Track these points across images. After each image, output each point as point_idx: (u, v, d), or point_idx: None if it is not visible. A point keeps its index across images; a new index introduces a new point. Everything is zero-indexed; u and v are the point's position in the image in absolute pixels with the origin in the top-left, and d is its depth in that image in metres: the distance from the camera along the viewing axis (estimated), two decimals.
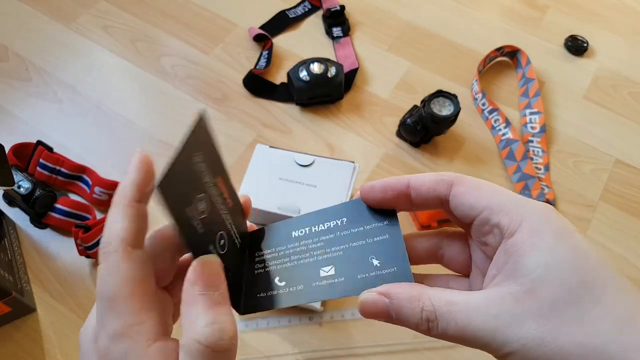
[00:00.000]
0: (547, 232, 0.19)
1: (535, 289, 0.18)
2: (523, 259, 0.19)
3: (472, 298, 0.19)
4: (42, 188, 0.47)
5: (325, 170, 0.45)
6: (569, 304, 0.18)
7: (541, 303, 0.18)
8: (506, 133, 0.56)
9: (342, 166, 0.45)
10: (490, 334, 0.18)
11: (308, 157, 0.46)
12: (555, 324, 0.18)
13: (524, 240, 0.19)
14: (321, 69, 0.55)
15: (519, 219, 0.20)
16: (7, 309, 0.41)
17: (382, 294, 0.21)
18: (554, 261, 0.18)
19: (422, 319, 0.20)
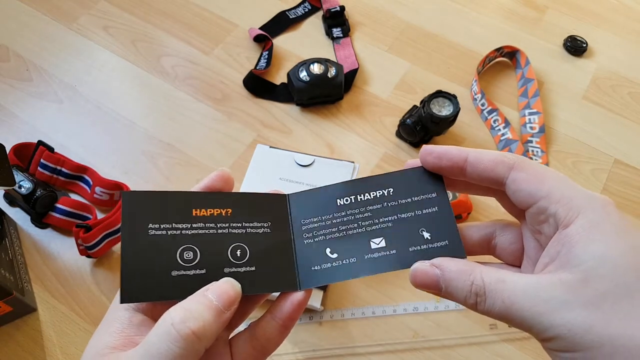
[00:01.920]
0: (605, 226, 0.19)
1: (588, 278, 0.18)
2: (577, 249, 0.19)
3: (523, 279, 0.20)
4: (43, 188, 0.47)
5: (325, 170, 0.45)
6: (622, 297, 0.18)
7: (593, 293, 0.18)
8: (505, 133, 0.56)
9: (342, 166, 0.45)
10: (537, 317, 0.18)
11: (308, 157, 0.46)
12: (606, 313, 0.18)
13: (580, 232, 0.19)
14: (321, 69, 0.55)
15: (576, 210, 0.19)
16: (8, 308, 0.41)
17: (434, 265, 0.21)
18: (611, 255, 0.18)
19: (470, 292, 0.20)
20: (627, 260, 0.18)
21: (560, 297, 0.18)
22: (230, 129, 0.56)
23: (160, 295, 0.21)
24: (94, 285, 0.46)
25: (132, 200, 0.22)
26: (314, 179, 0.45)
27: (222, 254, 0.23)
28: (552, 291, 0.19)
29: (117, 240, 0.46)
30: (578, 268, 0.19)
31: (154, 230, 0.22)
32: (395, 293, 0.46)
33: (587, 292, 0.18)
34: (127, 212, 0.22)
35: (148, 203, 0.23)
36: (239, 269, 0.22)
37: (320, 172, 0.45)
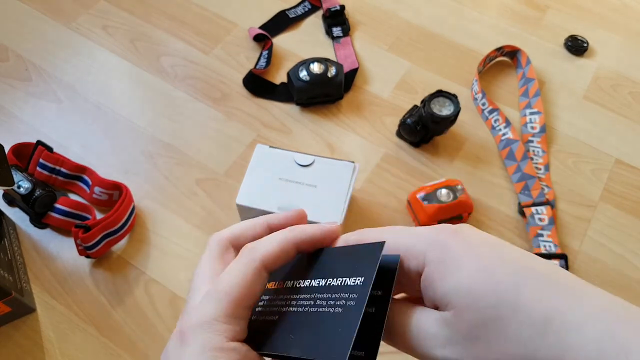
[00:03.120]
0: (449, 260, 0.19)
1: (458, 314, 0.19)
2: (438, 291, 0.19)
3: (421, 318, 0.20)
4: (42, 188, 0.47)
5: (325, 170, 0.45)
6: (490, 321, 0.18)
7: (466, 326, 0.19)
8: (506, 133, 0.56)
9: (342, 166, 0.45)
10: (426, 353, 0.20)
11: (308, 157, 0.46)
12: (482, 342, 0.18)
13: (433, 275, 0.20)
14: (321, 69, 0.55)
15: (422, 256, 0.20)
16: (7, 309, 0.41)
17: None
18: (464, 286, 0.19)
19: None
20: (480, 283, 0.19)
21: (443, 333, 0.19)
22: (229, 129, 0.56)
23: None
24: (93, 286, 0.45)
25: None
26: (314, 179, 0.44)
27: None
28: (436, 329, 0.19)
29: (116, 241, 0.46)
30: (447, 305, 0.19)
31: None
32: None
33: (462, 325, 0.19)
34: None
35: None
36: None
37: (320, 172, 0.45)
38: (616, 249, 0.50)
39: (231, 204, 0.51)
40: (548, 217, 0.50)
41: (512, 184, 0.53)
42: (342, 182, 0.44)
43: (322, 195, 0.43)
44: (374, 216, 0.51)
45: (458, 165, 0.55)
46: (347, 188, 0.44)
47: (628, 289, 0.47)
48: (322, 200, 0.43)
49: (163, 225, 0.49)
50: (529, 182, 0.52)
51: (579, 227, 0.51)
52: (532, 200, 0.51)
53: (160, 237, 0.49)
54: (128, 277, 0.46)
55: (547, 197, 0.52)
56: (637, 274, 0.48)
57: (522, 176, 0.53)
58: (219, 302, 0.21)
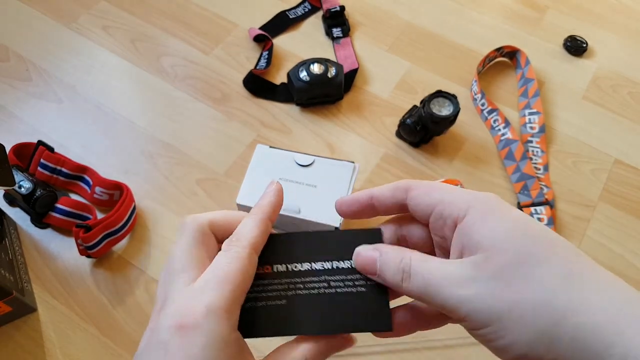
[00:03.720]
0: (492, 212, 0.22)
1: (488, 255, 0.21)
2: (474, 235, 0.22)
3: (442, 263, 0.22)
4: (43, 188, 0.47)
5: (325, 170, 0.45)
6: (517, 265, 0.20)
7: (495, 266, 0.21)
8: (505, 133, 0.56)
9: (342, 166, 0.45)
10: (448, 293, 0.21)
11: (308, 157, 0.46)
12: (509, 281, 0.20)
13: (473, 221, 0.22)
14: (321, 69, 0.55)
15: (465, 206, 0.22)
16: (8, 308, 0.41)
17: (374, 248, 0.24)
18: (502, 233, 0.21)
19: (398, 269, 0.22)
20: (514, 234, 0.21)
21: (468, 274, 0.21)
22: (230, 129, 0.56)
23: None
24: (94, 286, 0.45)
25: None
26: (314, 179, 0.45)
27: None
28: (461, 270, 0.21)
29: (117, 240, 0.46)
30: (479, 249, 0.21)
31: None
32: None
33: (490, 266, 0.21)
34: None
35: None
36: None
37: (320, 172, 0.45)
38: (615, 248, 0.50)
39: (231, 204, 0.51)
40: (547, 217, 0.50)
41: (511, 184, 0.53)
42: (342, 182, 0.44)
43: (322, 195, 0.44)
44: None
45: (457, 165, 0.55)
46: (347, 188, 0.44)
47: None
48: (322, 200, 0.43)
49: (163, 225, 0.49)
50: (528, 182, 0.52)
51: (578, 227, 0.51)
52: (532, 200, 0.51)
53: (160, 237, 0.49)
54: (129, 276, 0.46)
55: (547, 197, 0.52)
56: (637, 274, 0.48)
57: (521, 176, 0.53)
58: (222, 290, 0.21)
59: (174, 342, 0.20)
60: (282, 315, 0.24)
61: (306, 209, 0.43)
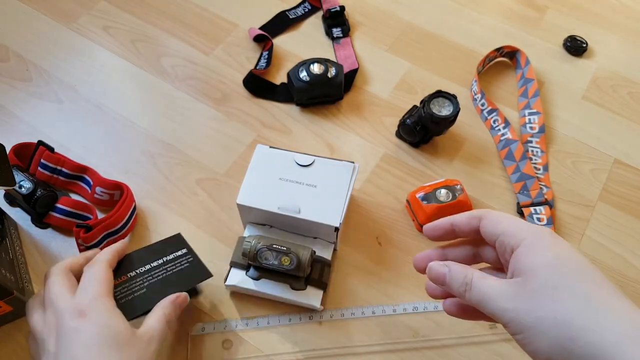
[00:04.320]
0: (539, 245, 0.28)
1: (526, 280, 0.27)
2: (521, 263, 0.28)
3: (496, 281, 0.29)
4: (43, 188, 0.47)
5: (325, 170, 0.45)
6: (549, 289, 0.26)
7: (530, 289, 0.27)
8: (505, 133, 0.56)
9: (342, 166, 0.45)
10: (496, 305, 0.27)
11: (308, 157, 0.46)
12: (537, 302, 0.26)
13: (523, 251, 0.28)
14: (321, 69, 0.55)
15: (521, 238, 0.29)
16: (9, 308, 0.41)
17: (445, 265, 0.31)
18: (541, 263, 0.27)
19: (463, 282, 0.29)
20: (554, 262, 0.27)
21: (511, 292, 0.27)
22: (230, 129, 0.56)
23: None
24: None
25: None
26: (314, 179, 0.45)
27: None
28: (507, 288, 0.28)
29: (117, 240, 0.46)
30: (522, 274, 0.27)
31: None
32: (395, 293, 0.46)
33: (527, 288, 0.27)
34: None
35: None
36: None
37: (320, 172, 0.45)
38: (615, 248, 0.50)
39: (231, 203, 0.51)
40: (547, 216, 0.50)
41: (511, 184, 0.54)
42: (342, 182, 0.44)
43: (322, 195, 0.44)
44: (373, 216, 0.51)
45: (457, 166, 0.55)
46: (347, 188, 0.44)
47: (627, 288, 0.48)
48: (322, 200, 0.43)
49: (164, 225, 0.49)
50: (527, 182, 0.52)
51: (578, 227, 0.51)
52: (531, 200, 0.51)
53: (161, 236, 0.49)
54: None
55: (546, 197, 0.52)
56: (636, 274, 0.49)
57: (521, 176, 0.53)
58: (100, 284, 0.35)
59: (81, 324, 0.32)
60: (146, 298, 0.39)
61: (306, 209, 0.43)
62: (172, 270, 0.42)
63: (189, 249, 0.44)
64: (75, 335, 0.32)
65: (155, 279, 0.41)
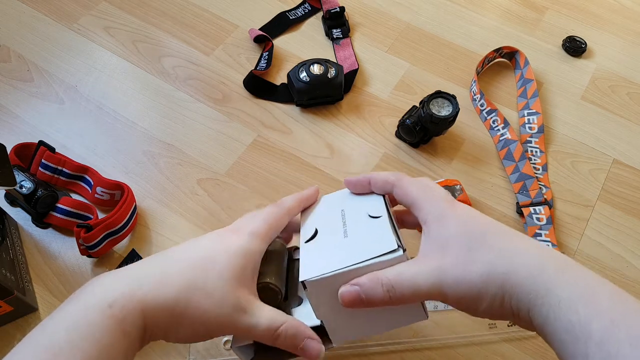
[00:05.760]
0: (446, 216, 0.30)
1: (444, 250, 0.29)
2: (433, 236, 0.30)
3: (412, 266, 0.29)
4: (44, 188, 0.47)
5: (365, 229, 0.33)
6: (465, 252, 0.28)
7: (449, 257, 0.28)
8: (504, 133, 0.56)
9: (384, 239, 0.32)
10: (429, 285, 0.28)
11: (380, 209, 0.34)
12: (459, 266, 0.28)
13: (432, 227, 0.30)
14: (321, 70, 0.55)
15: (426, 212, 0.31)
16: (9, 308, 0.41)
17: (353, 284, 0.30)
18: (452, 232, 0.29)
19: (384, 291, 0.29)
20: (461, 231, 0.29)
21: (435, 266, 0.29)
22: (230, 129, 0.56)
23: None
24: None
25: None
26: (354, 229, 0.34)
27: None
28: (430, 265, 0.29)
29: (118, 240, 0.47)
30: (438, 246, 0.29)
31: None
32: None
33: (447, 258, 0.29)
34: None
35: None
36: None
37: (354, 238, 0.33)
38: (614, 248, 0.50)
39: (232, 203, 0.51)
40: (546, 216, 0.50)
41: (510, 184, 0.54)
42: (370, 250, 0.31)
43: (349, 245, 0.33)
44: None
45: (457, 166, 0.55)
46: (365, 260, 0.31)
47: (626, 288, 0.47)
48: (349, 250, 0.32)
49: (164, 224, 0.50)
50: (527, 182, 0.52)
51: (577, 226, 0.51)
52: (531, 200, 0.51)
53: (161, 236, 0.49)
54: None
55: (545, 197, 0.52)
56: (635, 274, 0.49)
57: (520, 176, 0.53)
58: (264, 222, 0.34)
59: (227, 234, 0.33)
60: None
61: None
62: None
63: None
64: (215, 238, 0.33)
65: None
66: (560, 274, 0.26)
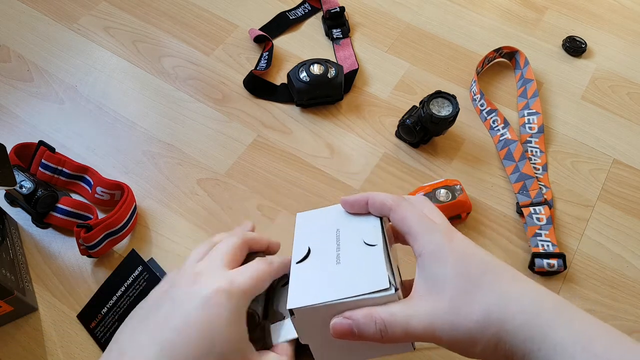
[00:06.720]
0: (443, 252, 0.29)
1: (439, 292, 0.28)
2: (427, 272, 0.29)
3: (406, 308, 0.28)
4: (44, 188, 0.47)
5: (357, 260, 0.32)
6: (461, 295, 0.27)
7: (444, 300, 0.27)
8: (504, 133, 0.56)
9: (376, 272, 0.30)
10: (422, 329, 0.27)
11: (377, 236, 0.33)
12: (455, 310, 0.27)
13: (427, 261, 0.29)
14: (321, 70, 0.55)
15: (421, 245, 0.29)
16: (9, 308, 0.41)
17: (346, 317, 0.29)
18: (448, 273, 0.28)
19: (377, 330, 0.28)
20: (457, 273, 0.28)
21: (428, 309, 0.28)
22: (230, 129, 0.56)
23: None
24: (95, 285, 0.46)
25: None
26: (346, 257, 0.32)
27: None
28: (424, 308, 0.28)
29: (118, 240, 0.47)
30: (433, 286, 0.28)
31: None
32: None
33: (442, 301, 0.28)
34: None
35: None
36: None
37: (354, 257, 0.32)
38: (614, 248, 0.50)
39: (232, 203, 0.51)
40: (546, 216, 0.50)
41: (510, 184, 0.54)
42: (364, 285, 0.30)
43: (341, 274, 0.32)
44: None
45: (456, 166, 0.55)
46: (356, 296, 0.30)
47: (625, 288, 0.48)
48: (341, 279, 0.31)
49: (164, 224, 0.50)
50: (527, 182, 0.52)
51: (577, 226, 0.51)
52: (531, 200, 0.51)
53: (161, 236, 0.49)
54: None
55: (545, 197, 0.52)
56: (635, 273, 0.49)
57: (520, 176, 0.53)
58: (252, 280, 0.31)
59: (219, 297, 0.29)
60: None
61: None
62: (134, 294, 0.43)
63: (144, 265, 0.44)
64: (199, 304, 0.29)
65: (123, 309, 0.43)
66: (556, 318, 0.26)
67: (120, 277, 0.44)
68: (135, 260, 0.45)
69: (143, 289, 0.43)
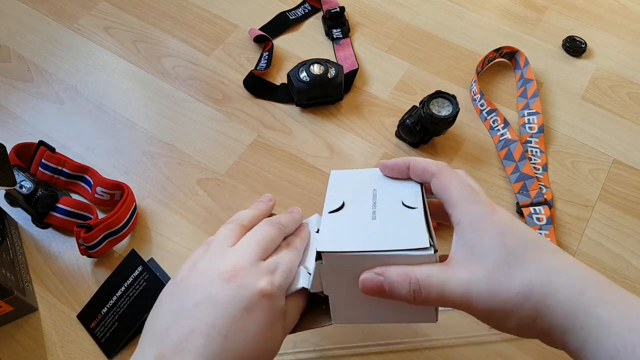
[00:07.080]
0: (484, 222, 0.28)
1: (479, 261, 0.27)
2: (467, 240, 0.28)
3: (443, 271, 0.27)
4: (44, 188, 0.47)
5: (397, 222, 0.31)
6: (502, 266, 0.26)
7: (484, 269, 0.27)
8: (504, 133, 0.56)
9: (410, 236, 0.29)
10: (457, 295, 0.27)
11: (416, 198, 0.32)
12: (494, 280, 0.26)
13: (467, 230, 0.28)
14: (321, 70, 0.55)
15: (461, 214, 0.29)
16: (9, 308, 0.41)
17: (378, 273, 0.28)
18: (489, 242, 0.27)
19: (410, 290, 0.27)
20: (499, 243, 0.27)
21: (467, 276, 0.27)
22: (230, 129, 0.56)
23: None
24: (95, 285, 0.46)
25: None
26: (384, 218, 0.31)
27: None
28: (460, 275, 0.27)
29: (118, 240, 0.47)
30: (471, 255, 0.27)
31: None
32: None
33: (481, 269, 0.27)
34: None
35: None
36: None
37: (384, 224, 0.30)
38: (614, 248, 0.50)
39: (232, 203, 0.51)
40: (546, 216, 0.50)
41: (510, 184, 0.54)
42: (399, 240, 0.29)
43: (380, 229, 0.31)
44: None
45: (457, 166, 0.55)
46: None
47: (626, 288, 0.47)
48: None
49: (164, 224, 0.50)
50: (527, 182, 0.52)
51: (577, 226, 0.51)
52: (531, 200, 0.51)
53: (161, 236, 0.49)
54: None
55: (545, 197, 0.52)
56: (635, 274, 0.49)
57: (520, 176, 0.53)
58: (286, 278, 0.31)
59: (260, 304, 0.28)
60: (121, 331, 0.42)
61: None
62: (134, 294, 0.43)
63: (144, 265, 0.44)
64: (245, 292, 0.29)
65: (123, 309, 0.43)
66: (601, 296, 0.25)
67: (120, 277, 0.44)
68: (135, 260, 0.45)
69: (143, 289, 0.43)
